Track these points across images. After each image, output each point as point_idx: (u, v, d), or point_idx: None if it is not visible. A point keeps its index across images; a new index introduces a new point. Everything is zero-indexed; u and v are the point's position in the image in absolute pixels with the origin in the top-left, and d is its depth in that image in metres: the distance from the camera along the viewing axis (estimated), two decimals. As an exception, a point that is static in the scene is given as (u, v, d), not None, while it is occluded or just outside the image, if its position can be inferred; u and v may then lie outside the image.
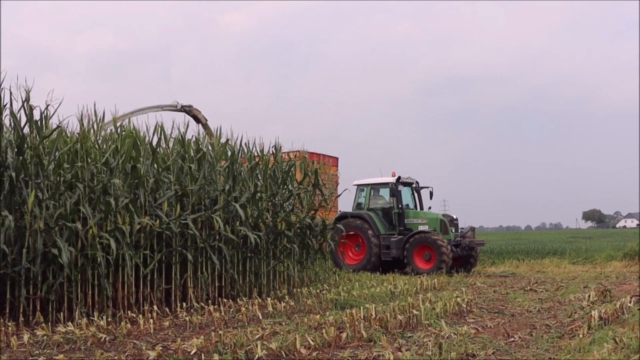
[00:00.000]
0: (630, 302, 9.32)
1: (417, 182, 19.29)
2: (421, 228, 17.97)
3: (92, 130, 10.04)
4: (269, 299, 10.45)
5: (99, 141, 10.17)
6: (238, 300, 10.62)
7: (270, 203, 12.69)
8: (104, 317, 8.41)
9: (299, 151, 19.53)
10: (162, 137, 11.24)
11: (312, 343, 6.91)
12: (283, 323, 8.64)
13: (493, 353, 6.69)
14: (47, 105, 8.97)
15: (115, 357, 6.60)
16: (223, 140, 12.13)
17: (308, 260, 13.99)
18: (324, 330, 7.35)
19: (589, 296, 10.51)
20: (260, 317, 9.10)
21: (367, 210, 18.74)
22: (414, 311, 8.55)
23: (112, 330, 7.89)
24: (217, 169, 11.41)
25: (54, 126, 9.39)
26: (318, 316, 8.61)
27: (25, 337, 7.19)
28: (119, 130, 10.42)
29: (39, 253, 8.41)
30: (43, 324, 7.91)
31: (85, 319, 8.27)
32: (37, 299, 8.55)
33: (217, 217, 10.79)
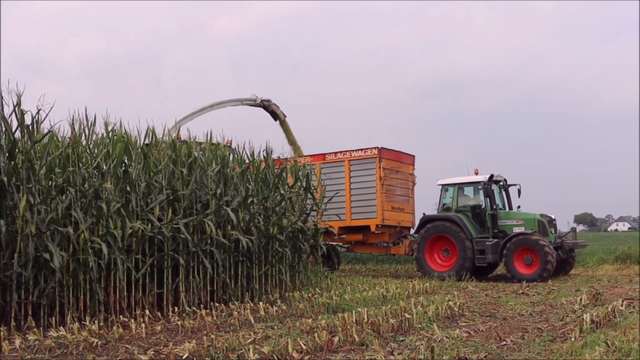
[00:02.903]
0: (622, 306, 9.35)
1: (505, 180, 17.86)
2: (516, 230, 16.57)
3: (83, 135, 10.02)
4: (261, 303, 10.44)
5: (91, 145, 10.15)
6: (230, 304, 10.60)
7: (261, 207, 12.68)
8: (96, 322, 8.38)
9: (376, 148, 18.72)
10: (154, 140, 11.23)
11: (304, 347, 6.93)
12: (275, 327, 8.64)
13: (485, 357, 6.71)
14: (39, 110, 8.96)
15: (107, 362, 6.59)
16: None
17: (300, 264, 14.00)
18: (316, 334, 7.36)
19: (581, 299, 10.54)
20: (253, 321, 9.10)
21: (456, 212, 17.37)
22: (406, 315, 8.56)
23: (104, 335, 7.87)
24: (209, 174, 11.41)
25: (46, 131, 9.37)
26: (310, 320, 8.61)
27: (17, 341, 7.17)
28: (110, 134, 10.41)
29: (30, 258, 8.38)
30: (35, 329, 7.89)
31: (77, 323, 8.26)
32: (29, 303, 8.51)
33: (208, 221, 10.78)
